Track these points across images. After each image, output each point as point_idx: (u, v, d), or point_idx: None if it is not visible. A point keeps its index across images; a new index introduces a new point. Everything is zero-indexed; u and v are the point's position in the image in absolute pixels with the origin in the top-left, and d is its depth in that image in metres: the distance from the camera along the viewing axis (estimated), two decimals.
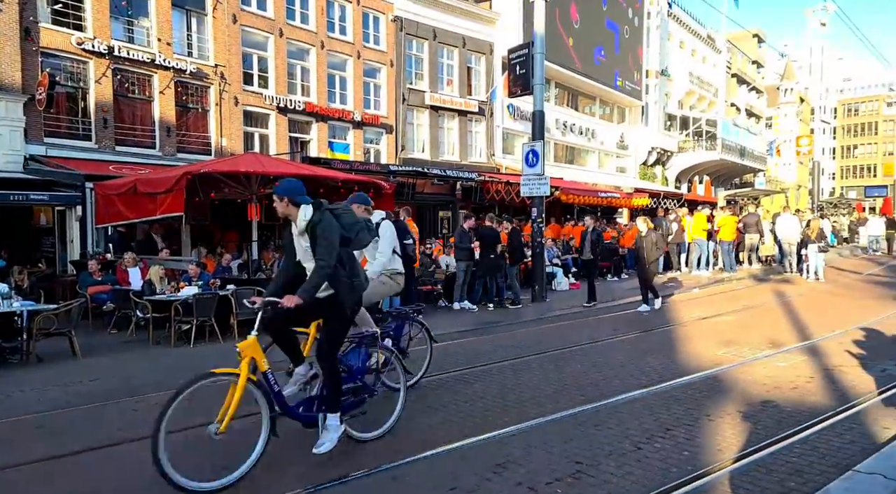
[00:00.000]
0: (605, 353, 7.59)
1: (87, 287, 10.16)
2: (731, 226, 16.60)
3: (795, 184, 56.12)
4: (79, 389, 6.47)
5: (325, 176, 12.41)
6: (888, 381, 5.85)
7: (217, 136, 16.61)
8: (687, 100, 37.61)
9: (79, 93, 14.45)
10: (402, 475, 3.99)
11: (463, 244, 11.58)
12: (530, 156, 12.79)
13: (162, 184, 9.69)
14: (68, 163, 12.98)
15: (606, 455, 4.21)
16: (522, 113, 23.75)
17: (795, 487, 3.63)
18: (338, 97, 19.53)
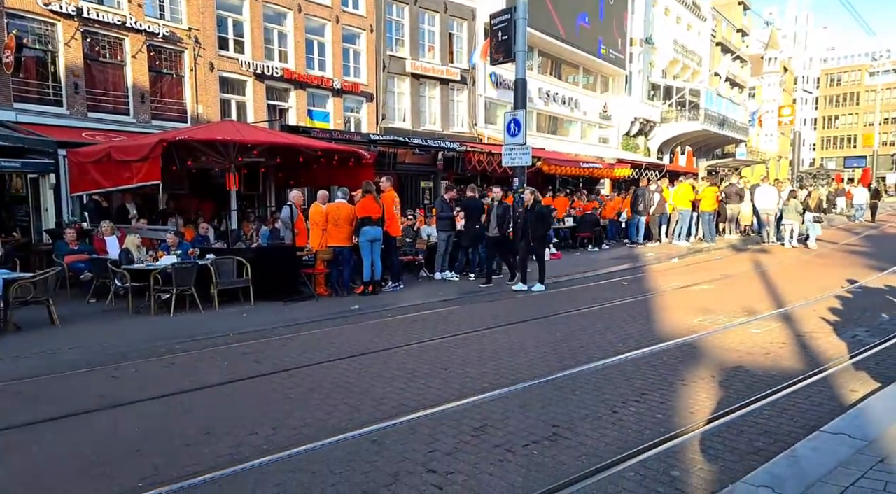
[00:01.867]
0: (584, 322, 7.68)
1: (63, 256, 10.00)
2: (711, 197, 16.75)
3: (776, 154, 56.56)
4: (58, 357, 6.42)
5: (305, 145, 12.24)
6: (858, 347, 6.01)
7: (193, 103, 16.25)
8: (671, 69, 37.49)
9: (48, 56, 13.99)
10: (382, 438, 4.04)
11: (444, 214, 11.55)
12: (512, 125, 12.68)
13: (137, 152, 9.49)
14: (39, 130, 12.63)
15: (582, 418, 4.29)
16: (505, 81, 23.51)
17: (764, 447, 3.74)
18: (316, 64, 19.15)
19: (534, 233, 10.14)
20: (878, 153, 50.80)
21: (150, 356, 6.44)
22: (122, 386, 5.46)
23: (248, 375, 5.64)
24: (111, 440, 4.19)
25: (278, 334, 7.38)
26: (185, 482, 3.49)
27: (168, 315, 8.56)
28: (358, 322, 8.08)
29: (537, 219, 10.22)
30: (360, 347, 6.58)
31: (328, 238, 9.87)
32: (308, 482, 3.45)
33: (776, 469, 3.28)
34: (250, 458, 3.77)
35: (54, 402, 5.00)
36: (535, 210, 10.23)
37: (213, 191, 14.70)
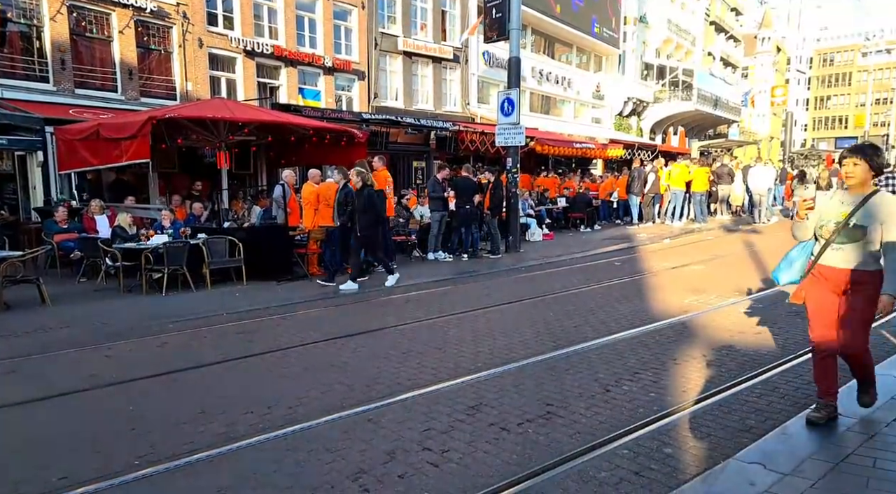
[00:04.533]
0: (577, 302, 7.71)
1: (53, 234, 9.91)
2: (703, 178, 16.77)
3: (768, 135, 56.66)
4: (50, 336, 6.39)
5: (296, 123, 12.12)
6: None
7: (182, 80, 15.99)
8: (664, 48, 37.24)
9: (33, 31, 13.69)
10: (377, 417, 4.06)
11: (436, 194, 11.51)
12: (506, 104, 12.61)
13: (126, 130, 9.36)
14: (26, 106, 12.40)
15: (576, 397, 4.33)
16: (498, 60, 23.28)
17: (755, 424, 3.79)
18: (307, 41, 18.86)
19: (361, 221, 8.64)
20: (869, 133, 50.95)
21: (143, 335, 6.42)
22: (115, 365, 5.45)
23: (242, 355, 5.63)
24: (106, 419, 4.18)
25: (271, 314, 7.37)
26: (182, 460, 3.49)
27: (160, 294, 8.53)
28: (351, 302, 8.08)
29: (365, 206, 8.66)
30: (353, 327, 6.58)
31: (319, 218, 9.82)
32: (304, 460, 3.46)
33: (767, 446, 3.32)
34: (246, 437, 3.78)
35: (47, 381, 4.99)
36: (364, 194, 8.69)
37: (203, 169, 14.57)
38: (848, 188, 3.51)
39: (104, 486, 3.22)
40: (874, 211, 3.35)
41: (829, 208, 3.54)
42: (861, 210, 3.37)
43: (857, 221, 3.37)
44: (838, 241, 3.44)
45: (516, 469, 3.30)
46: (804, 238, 3.68)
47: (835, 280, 3.49)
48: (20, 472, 3.42)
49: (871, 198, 3.38)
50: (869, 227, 3.34)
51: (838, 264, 3.46)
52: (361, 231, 8.65)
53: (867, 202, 3.37)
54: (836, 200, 3.54)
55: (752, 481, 2.96)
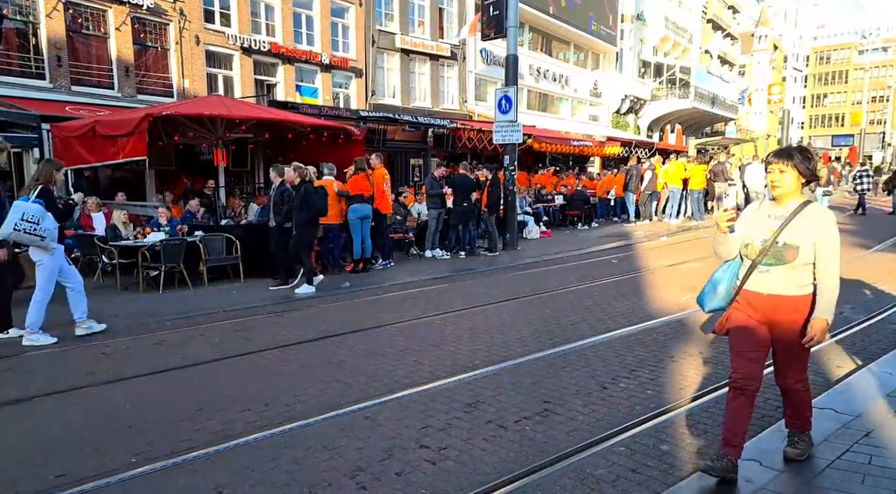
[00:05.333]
0: (574, 299, 7.72)
1: None
2: (700, 175, 16.80)
3: (765, 133, 56.75)
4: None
5: (294, 121, 12.11)
6: (843, 323, 6.10)
7: (178, 77, 15.95)
8: (662, 46, 37.26)
9: (29, 28, 13.65)
10: (375, 414, 4.06)
11: (434, 192, 11.51)
12: (503, 102, 12.61)
13: (122, 127, 9.35)
14: (22, 103, 12.37)
15: (573, 394, 4.34)
16: (496, 58, 23.27)
17: (752, 422, 3.79)
18: (304, 38, 18.82)
19: (296, 219, 8.31)
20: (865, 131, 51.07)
21: (140, 333, 6.41)
22: (112, 362, 5.44)
23: (240, 352, 5.63)
24: (103, 416, 4.18)
25: (269, 311, 7.37)
26: (179, 457, 3.49)
27: (157, 292, 8.51)
28: (348, 299, 8.08)
29: (301, 203, 8.27)
30: (351, 325, 6.58)
31: None
32: (302, 458, 3.47)
33: (764, 443, 3.34)
34: (244, 434, 3.78)
35: (45, 378, 4.98)
36: (301, 190, 8.35)
37: (200, 167, 14.54)
38: (775, 199, 2.99)
39: (102, 484, 3.21)
40: (806, 226, 2.86)
41: (756, 223, 3.00)
42: (790, 225, 2.87)
43: (788, 239, 2.87)
44: (765, 262, 2.92)
45: (513, 466, 3.31)
46: (727, 256, 3.14)
47: (762, 308, 2.97)
48: (18, 470, 3.42)
49: (801, 211, 2.89)
50: (801, 247, 2.85)
51: (765, 289, 2.94)
52: (296, 228, 8.34)
53: (797, 216, 2.88)
54: (763, 213, 3.01)
55: (748, 478, 2.97)
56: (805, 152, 2.91)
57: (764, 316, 2.98)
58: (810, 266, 2.89)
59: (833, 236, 2.87)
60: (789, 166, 2.88)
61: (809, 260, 2.87)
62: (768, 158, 3.00)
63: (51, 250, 6.01)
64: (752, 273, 2.98)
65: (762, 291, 2.95)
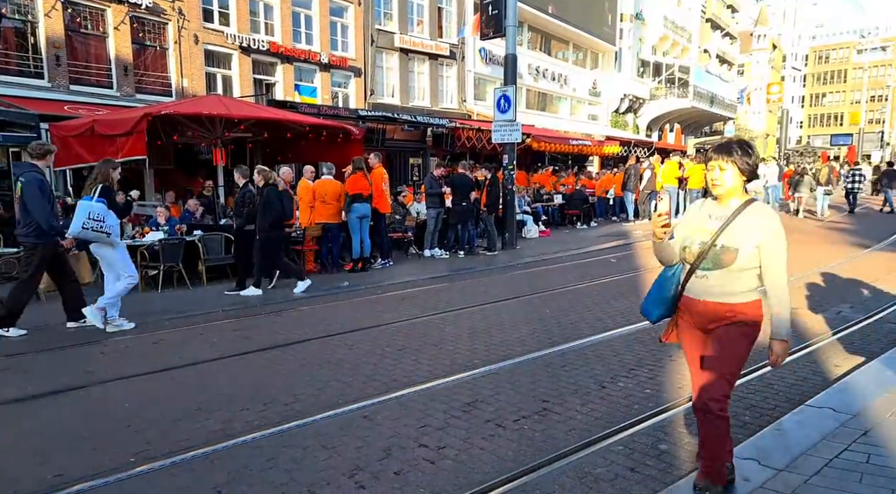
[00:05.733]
0: (573, 298, 7.73)
1: None
2: (698, 175, 16.80)
3: (764, 132, 56.79)
4: (45, 332, 6.37)
5: (293, 120, 12.10)
6: (842, 322, 6.10)
7: (177, 77, 15.93)
8: (661, 45, 37.27)
9: (28, 27, 13.62)
10: (373, 413, 4.06)
11: (433, 191, 11.51)
12: (502, 101, 12.61)
13: (121, 126, 9.34)
14: (20, 102, 12.34)
15: (572, 393, 4.34)
16: (494, 57, 23.27)
17: (750, 420, 3.81)
18: (303, 37, 18.81)
19: (260, 222, 8.15)
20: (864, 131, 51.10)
21: (139, 332, 6.41)
22: (110, 361, 5.44)
23: (239, 351, 5.63)
24: (102, 415, 4.18)
25: (268, 310, 7.37)
26: (178, 456, 3.49)
27: (156, 291, 8.51)
28: (347, 298, 8.08)
29: (265, 205, 8.10)
30: (349, 324, 6.59)
31: (316, 215, 9.81)
32: (300, 457, 3.47)
33: (762, 442, 3.34)
34: (242, 433, 3.78)
35: (43, 378, 4.98)
36: (265, 193, 8.17)
37: (199, 166, 14.54)
38: (717, 198, 2.78)
39: (100, 483, 3.21)
40: (747, 228, 2.63)
41: (696, 224, 2.79)
42: (730, 226, 2.65)
43: (726, 242, 2.64)
44: (703, 267, 2.70)
45: (512, 465, 3.31)
46: (669, 262, 2.91)
47: (700, 315, 2.76)
48: (16, 469, 3.41)
49: (743, 210, 2.67)
50: (740, 250, 2.62)
51: (703, 296, 2.73)
52: (260, 233, 8.14)
53: (738, 216, 2.66)
54: (704, 214, 2.80)
55: (746, 477, 2.97)
56: (745, 146, 2.71)
57: (702, 324, 2.78)
58: (752, 271, 2.66)
59: (778, 238, 2.64)
60: (729, 162, 2.67)
61: (751, 264, 2.64)
62: (708, 155, 2.79)
63: (115, 245, 6.48)
64: (690, 278, 2.77)
65: (700, 298, 2.74)
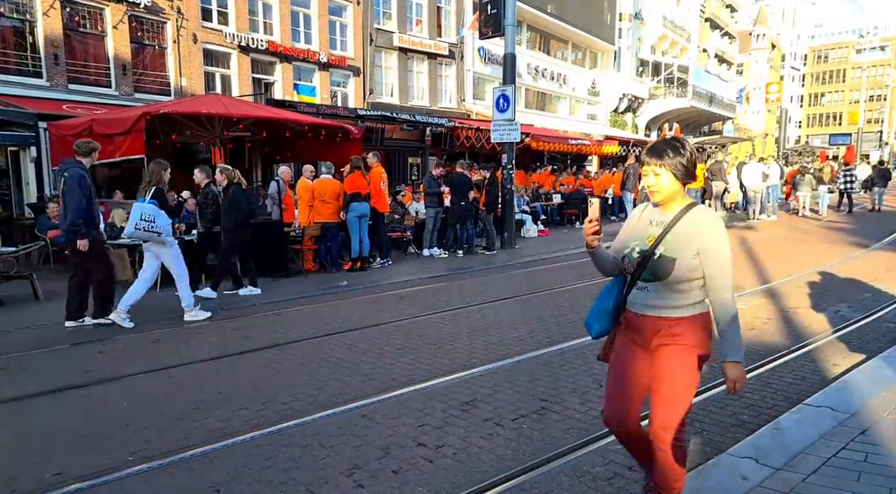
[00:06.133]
0: (572, 298, 7.73)
1: (46, 230, 9.86)
2: (698, 174, 16.80)
3: (762, 131, 56.80)
4: (43, 332, 6.37)
5: (292, 119, 12.10)
6: (841, 322, 6.11)
7: (176, 76, 15.93)
8: (660, 45, 37.28)
9: (26, 26, 13.62)
10: (372, 412, 4.06)
11: (432, 190, 11.51)
12: (501, 100, 12.61)
13: (120, 125, 9.33)
14: (18, 102, 12.34)
15: (570, 392, 4.34)
16: (493, 56, 23.27)
17: (748, 419, 3.81)
18: (302, 36, 18.81)
19: (225, 223, 7.97)
20: (862, 130, 51.16)
21: (138, 331, 6.40)
22: (109, 360, 5.44)
23: (237, 350, 5.63)
24: (100, 414, 4.17)
25: (266, 309, 7.36)
26: (176, 456, 3.49)
27: (154, 290, 8.47)
28: (346, 298, 8.08)
29: (230, 205, 7.94)
30: (348, 323, 6.59)
31: (315, 214, 9.81)
32: (299, 455, 3.47)
33: (760, 441, 3.34)
34: (241, 432, 3.78)
35: (42, 377, 4.97)
36: (230, 193, 7.99)
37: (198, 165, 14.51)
38: (659, 204, 2.53)
39: (99, 482, 3.21)
40: (687, 235, 2.39)
41: (638, 230, 2.56)
42: (670, 234, 2.41)
43: (664, 251, 2.40)
44: (644, 277, 2.46)
45: (510, 463, 3.31)
46: (609, 272, 2.67)
47: (641, 331, 2.50)
48: (14, 469, 3.41)
49: (683, 217, 2.43)
50: (679, 259, 2.37)
51: (643, 310, 2.48)
52: (226, 234, 7.97)
53: (678, 223, 2.42)
54: (645, 219, 2.56)
55: (744, 475, 2.98)
56: (677, 147, 2.44)
57: (643, 339, 2.50)
58: (695, 282, 2.40)
59: (721, 246, 2.38)
60: (662, 166, 2.42)
61: (691, 275, 2.38)
62: (642, 159, 2.53)
63: (167, 244, 6.74)
64: (630, 290, 2.53)
65: (641, 312, 2.49)
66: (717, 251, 2.38)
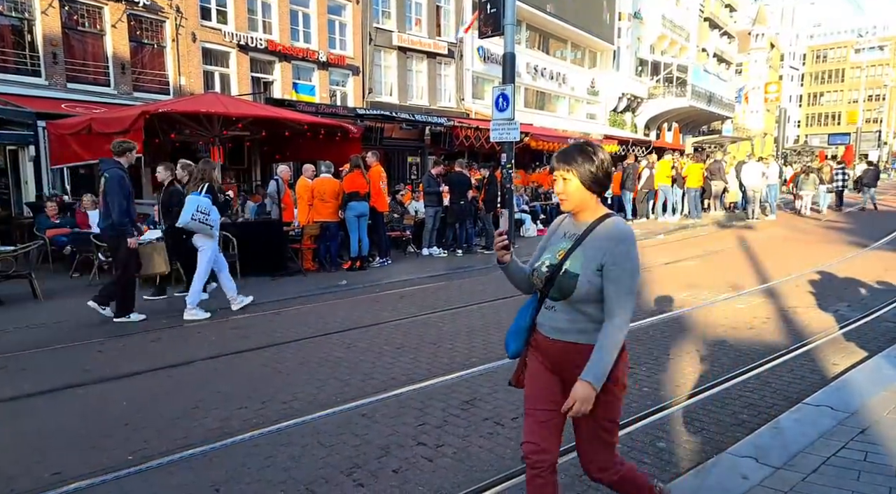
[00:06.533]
0: None
1: (45, 229, 9.86)
2: (697, 174, 16.82)
3: (761, 131, 56.81)
4: (42, 331, 6.36)
5: (291, 118, 12.08)
6: (840, 321, 6.12)
7: (175, 75, 15.91)
8: (659, 44, 37.27)
9: (24, 25, 13.59)
10: (372, 412, 4.06)
11: (431, 190, 11.50)
12: (500, 100, 12.58)
13: (118, 124, 9.30)
14: (17, 100, 12.32)
15: None
16: (493, 56, 23.26)
17: (748, 419, 3.81)
18: (301, 35, 18.79)
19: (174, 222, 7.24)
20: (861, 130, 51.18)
21: (136, 330, 6.40)
22: (108, 360, 5.43)
23: (237, 350, 5.62)
24: (99, 414, 4.17)
25: (266, 309, 7.36)
26: (175, 455, 3.49)
27: (153, 289, 8.47)
28: (346, 297, 8.07)
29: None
30: (348, 322, 6.58)
31: (314, 213, 9.81)
32: (298, 455, 3.46)
33: (760, 440, 3.34)
34: (240, 432, 3.78)
35: (40, 376, 4.96)
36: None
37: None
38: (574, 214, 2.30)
39: (98, 482, 3.21)
40: (593, 250, 2.16)
41: (551, 243, 2.34)
42: (579, 248, 2.19)
43: (570, 266, 2.17)
44: (552, 295, 2.23)
45: (510, 463, 3.31)
46: (525, 290, 2.46)
47: (551, 356, 2.29)
48: (13, 468, 3.40)
49: (593, 230, 2.20)
50: (582, 276, 2.14)
51: (551, 332, 2.26)
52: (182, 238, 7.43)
53: (588, 236, 2.20)
54: (560, 231, 2.35)
55: (744, 475, 2.97)
56: (587, 153, 2.22)
57: (555, 368, 2.30)
58: (603, 304, 2.15)
59: (625, 263, 2.12)
60: (571, 172, 2.20)
61: (597, 295, 2.14)
62: (551, 164, 2.32)
63: (212, 239, 6.98)
64: (540, 308, 2.31)
65: (548, 335, 2.27)
66: (620, 267, 2.11)
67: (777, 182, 18.32)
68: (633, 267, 2.13)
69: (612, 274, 2.11)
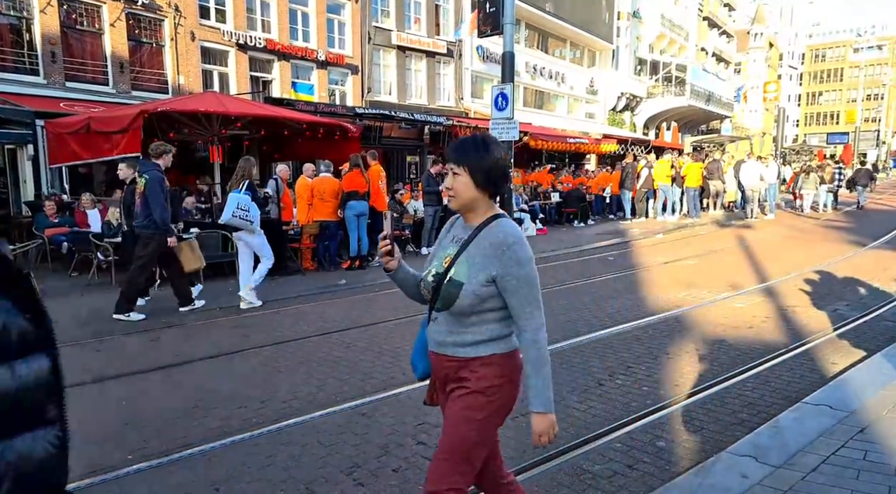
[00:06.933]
0: (570, 296, 7.73)
1: (43, 229, 9.84)
2: (696, 173, 16.83)
3: (760, 130, 56.86)
4: None
5: (290, 118, 12.06)
6: (839, 320, 6.12)
7: (174, 74, 15.89)
8: (658, 43, 37.27)
9: (23, 24, 13.57)
10: (371, 411, 4.06)
11: (430, 189, 11.49)
12: (500, 99, 12.58)
13: (117, 123, 9.29)
14: (15, 99, 12.30)
15: (569, 391, 4.34)
16: (492, 55, 23.25)
17: (747, 418, 3.81)
18: (300, 34, 18.77)
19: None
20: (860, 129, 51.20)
21: (136, 330, 6.39)
22: (106, 359, 5.43)
23: (236, 349, 5.62)
24: (98, 413, 4.16)
25: (265, 308, 7.35)
26: (175, 455, 3.49)
27: (151, 288, 8.46)
28: (345, 296, 8.07)
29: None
30: (347, 322, 6.58)
31: (314, 212, 9.80)
32: (298, 454, 3.46)
33: (759, 439, 3.35)
34: (240, 431, 3.78)
35: None
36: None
37: (196, 164, 14.49)
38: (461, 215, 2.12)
39: (97, 481, 3.20)
40: (482, 256, 1.95)
41: (439, 248, 2.15)
42: (464, 254, 1.98)
43: (455, 274, 1.96)
44: (437, 306, 2.02)
45: (510, 462, 3.29)
46: (421, 301, 2.20)
47: (435, 370, 2.11)
48: None
49: (480, 233, 2.00)
50: (466, 284, 1.92)
51: (434, 347, 2.07)
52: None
53: (474, 240, 1.99)
54: (450, 235, 2.16)
55: (744, 474, 2.98)
56: (479, 147, 1.99)
57: (439, 382, 2.11)
58: (489, 315, 1.96)
59: (517, 270, 1.92)
60: (461, 166, 1.99)
61: (483, 305, 1.94)
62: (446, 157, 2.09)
63: (256, 232, 7.31)
64: (429, 320, 2.09)
65: (433, 349, 2.07)
66: (517, 276, 1.92)
67: (776, 182, 18.33)
68: (526, 272, 1.94)
69: (508, 286, 1.92)
